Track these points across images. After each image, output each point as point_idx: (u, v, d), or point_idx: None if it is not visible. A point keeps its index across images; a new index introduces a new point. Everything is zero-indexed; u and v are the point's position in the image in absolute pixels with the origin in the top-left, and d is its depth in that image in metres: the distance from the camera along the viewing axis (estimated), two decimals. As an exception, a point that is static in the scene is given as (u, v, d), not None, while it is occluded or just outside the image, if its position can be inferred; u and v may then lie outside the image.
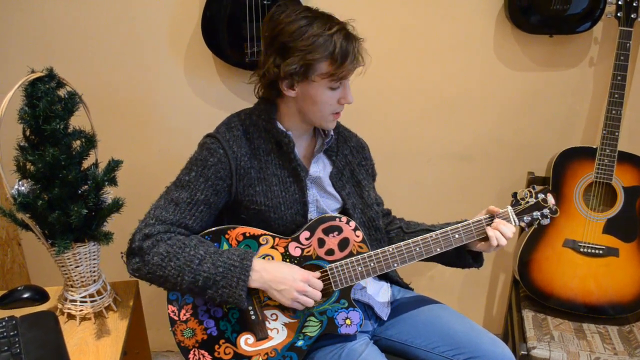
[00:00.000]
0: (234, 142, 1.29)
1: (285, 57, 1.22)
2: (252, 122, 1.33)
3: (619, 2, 1.70)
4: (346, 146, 1.44)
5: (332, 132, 1.38)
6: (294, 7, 1.25)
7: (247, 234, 1.28)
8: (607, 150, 1.72)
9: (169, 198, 1.26)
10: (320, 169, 1.38)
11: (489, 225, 1.32)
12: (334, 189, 1.39)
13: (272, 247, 1.29)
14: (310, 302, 1.24)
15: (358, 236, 1.32)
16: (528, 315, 1.80)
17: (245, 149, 1.30)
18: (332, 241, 1.31)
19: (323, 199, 1.38)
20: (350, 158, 1.44)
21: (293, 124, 1.33)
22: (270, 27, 1.25)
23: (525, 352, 1.68)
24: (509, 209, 1.35)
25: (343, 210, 1.41)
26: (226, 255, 1.20)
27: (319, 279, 1.28)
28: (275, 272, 1.22)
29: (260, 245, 1.28)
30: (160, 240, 1.20)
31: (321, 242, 1.30)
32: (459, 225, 1.33)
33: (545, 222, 1.36)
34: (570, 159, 1.77)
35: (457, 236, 1.33)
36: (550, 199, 1.35)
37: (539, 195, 1.35)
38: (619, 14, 1.70)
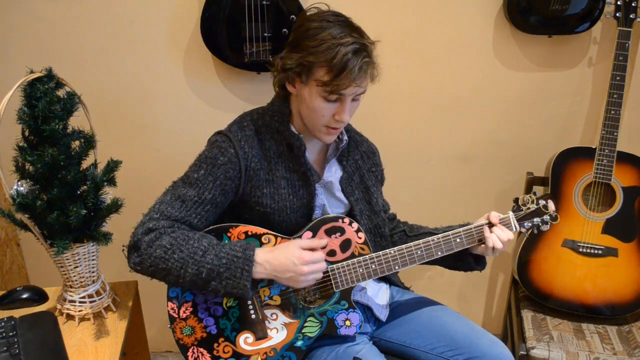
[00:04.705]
0: (246, 142, 1.27)
1: (292, 53, 1.21)
2: (265, 123, 1.31)
3: (618, 3, 1.70)
4: (357, 151, 1.42)
5: (345, 137, 1.36)
6: (327, 11, 1.23)
7: (249, 233, 1.28)
8: (606, 151, 1.72)
9: (176, 194, 1.24)
10: (332, 173, 1.37)
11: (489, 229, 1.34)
12: (343, 194, 1.38)
13: (275, 246, 1.29)
14: (319, 275, 1.24)
15: (360, 238, 1.32)
16: (527, 315, 1.80)
17: (256, 150, 1.28)
18: (334, 242, 1.31)
19: (330, 204, 1.37)
20: (361, 163, 1.42)
21: (300, 127, 1.30)
22: (297, 21, 1.25)
23: (525, 352, 1.68)
24: (510, 214, 1.36)
25: (350, 216, 1.39)
26: (228, 247, 1.20)
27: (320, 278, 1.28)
28: (275, 262, 1.20)
29: (262, 244, 1.28)
30: (163, 233, 1.18)
31: None
32: (461, 229, 1.33)
33: (545, 228, 1.38)
34: (569, 159, 1.77)
35: (458, 240, 1.33)
36: (551, 206, 1.37)
37: (539, 202, 1.37)
38: (617, 14, 1.70)
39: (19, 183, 1.24)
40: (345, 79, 1.16)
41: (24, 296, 1.39)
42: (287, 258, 1.20)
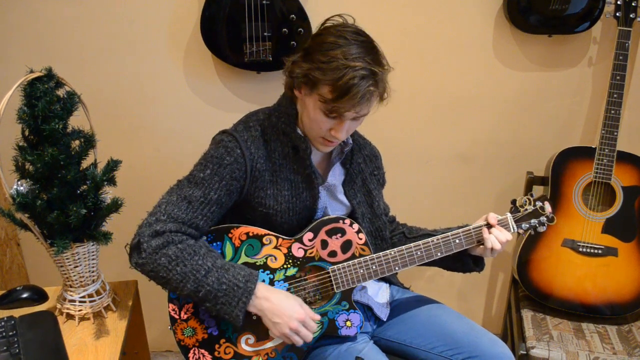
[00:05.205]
0: (252, 143, 1.26)
1: (303, 61, 1.19)
2: (271, 124, 1.30)
3: (618, 2, 1.70)
4: (360, 154, 1.41)
5: (350, 141, 1.35)
6: (349, 26, 1.21)
7: (251, 234, 1.28)
8: (606, 150, 1.72)
9: (182, 194, 1.22)
10: (335, 176, 1.37)
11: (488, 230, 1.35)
12: (346, 197, 1.38)
13: (275, 247, 1.29)
14: (299, 342, 1.22)
15: (361, 239, 1.32)
16: (527, 315, 1.81)
17: (262, 151, 1.27)
18: (335, 243, 1.31)
19: (331, 206, 1.37)
20: (363, 167, 1.41)
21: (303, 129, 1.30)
22: (319, 28, 1.23)
23: (525, 352, 1.68)
24: (508, 216, 1.37)
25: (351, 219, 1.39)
26: (232, 273, 1.18)
27: (321, 279, 1.28)
28: (275, 303, 1.20)
29: (263, 245, 1.28)
30: (171, 242, 1.17)
31: (324, 244, 1.30)
32: (460, 230, 1.34)
33: (542, 229, 1.40)
34: (569, 158, 1.77)
35: (457, 241, 1.34)
36: (547, 207, 1.38)
37: (536, 203, 1.38)
38: (617, 14, 1.70)
39: (19, 183, 1.24)
40: (346, 102, 1.15)
41: (24, 296, 1.39)
42: (288, 309, 1.20)
